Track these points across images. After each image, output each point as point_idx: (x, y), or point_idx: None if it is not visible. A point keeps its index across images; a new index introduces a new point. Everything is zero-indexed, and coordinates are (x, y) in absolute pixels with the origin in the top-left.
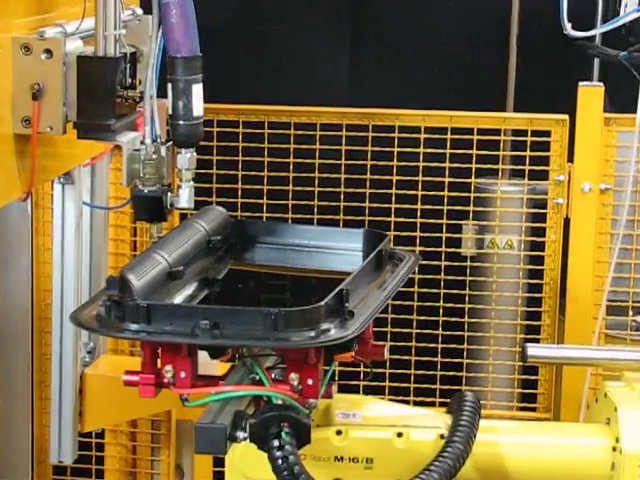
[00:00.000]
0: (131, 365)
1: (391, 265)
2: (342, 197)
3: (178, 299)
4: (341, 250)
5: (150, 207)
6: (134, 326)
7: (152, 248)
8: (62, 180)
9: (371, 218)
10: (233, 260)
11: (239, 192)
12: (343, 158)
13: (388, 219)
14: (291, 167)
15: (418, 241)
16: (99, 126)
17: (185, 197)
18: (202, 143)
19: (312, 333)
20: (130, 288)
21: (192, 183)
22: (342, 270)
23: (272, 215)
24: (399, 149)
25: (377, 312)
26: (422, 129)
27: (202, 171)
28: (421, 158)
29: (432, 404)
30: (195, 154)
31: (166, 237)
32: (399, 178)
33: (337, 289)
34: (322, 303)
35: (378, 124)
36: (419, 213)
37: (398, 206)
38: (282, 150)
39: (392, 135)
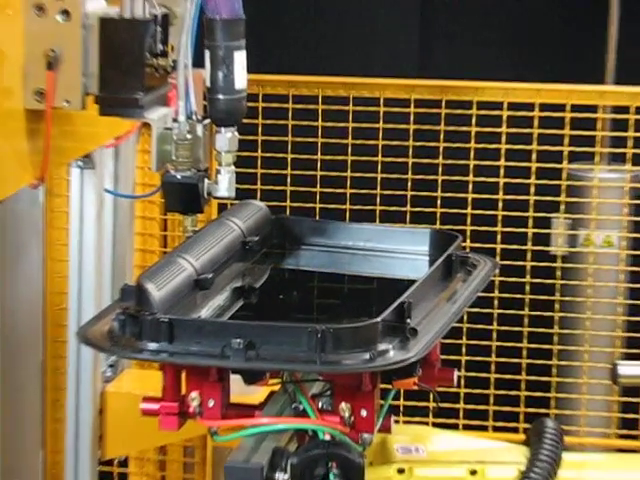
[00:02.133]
0: (158, 381)
1: (463, 273)
2: (409, 185)
3: (206, 313)
4: (403, 254)
5: (184, 196)
6: (153, 345)
7: (175, 251)
8: (80, 164)
9: (443, 210)
10: (273, 265)
11: (288, 179)
12: (411, 139)
13: (464, 211)
14: (349, 150)
15: (499, 238)
16: (125, 100)
17: (225, 184)
18: (245, 121)
19: (367, 355)
20: (148, 299)
21: (233, 168)
22: (404, 278)
23: (326, 206)
24: (477, 129)
25: (445, 330)
26: (505, 105)
27: (245, 154)
28: (503, 140)
29: (514, 430)
30: (237, 134)
31: (192, 238)
32: (477, 163)
33: (397, 302)
34: (379, 319)
35: (452, 99)
36: (501, 205)
37: (476, 196)
38: (339, 130)
39: (469, 112)
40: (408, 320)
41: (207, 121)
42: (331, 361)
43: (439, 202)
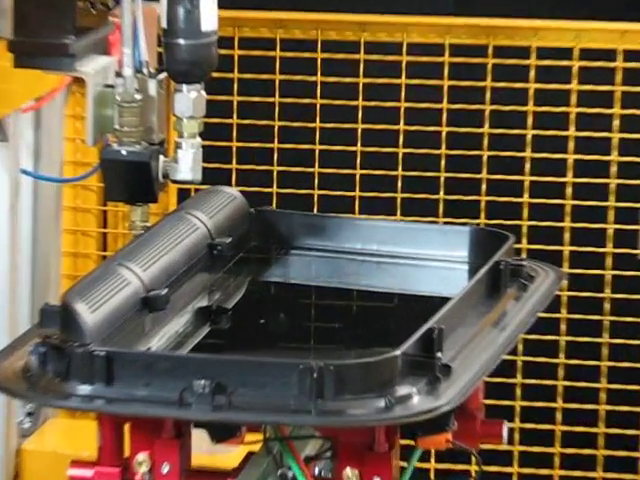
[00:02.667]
0: (94, 435)
1: (516, 287)
2: (442, 164)
3: (158, 343)
4: (433, 261)
5: (131, 179)
6: (85, 388)
7: (117, 257)
8: None
9: (490, 198)
10: (252, 277)
11: (274, 155)
12: (445, 100)
13: (518, 200)
14: (360, 115)
15: (568, 237)
16: (49, 47)
17: (187, 163)
18: (215, 75)
19: (381, 402)
20: (79, 325)
21: (199, 141)
22: (433, 295)
23: (327, 193)
24: (537, 85)
25: (491, 367)
26: (575, 53)
27: (216, 120)
28: (573, 101)
29: None
30: (204, 93)
31: (140, 240)
32: (537, 133)
33: (424, 328)
34: (398, 352)
35: (503, 44)
36: (570, 191)
37: (535, 179)
38: (343, 87)
39: (525, 62)
40: (439, 354)
41: (163, 76)
42: (332, 410)
43: (484, 187)
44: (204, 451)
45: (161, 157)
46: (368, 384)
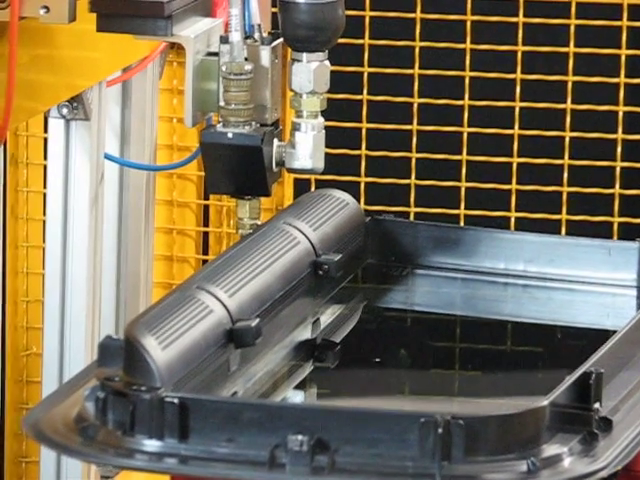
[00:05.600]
0: None
1: None
2: (619, 152)
3: (246, 388)
4: (594, 284)
5: (238, 168)
6: (155, 444)
7: (196, 278)
8: (65, 112)
9: None
10: (366, 304)
11: (413, 137)
12: None
13: None
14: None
15: None
16: (140, 6)
17: (306, 149)
18: (342, 41)
19: (523, 466)
20: (147, 365)
21: (322, 121)
22: (593, 327)
23: (476, 186)
24: None
25: None
26: None
27: (343, 97)
28: None
29: None
30: (328, 63)
31: (225, 258)
32: None
33: (578, 371)
34: (545, 402)
35: None
36: None
37: None
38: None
39: None
40: (597, 404)
41: (279, 42)
42: (461, 475)
43: None
44: None
45: (275, 141)
46: (507, 442)
